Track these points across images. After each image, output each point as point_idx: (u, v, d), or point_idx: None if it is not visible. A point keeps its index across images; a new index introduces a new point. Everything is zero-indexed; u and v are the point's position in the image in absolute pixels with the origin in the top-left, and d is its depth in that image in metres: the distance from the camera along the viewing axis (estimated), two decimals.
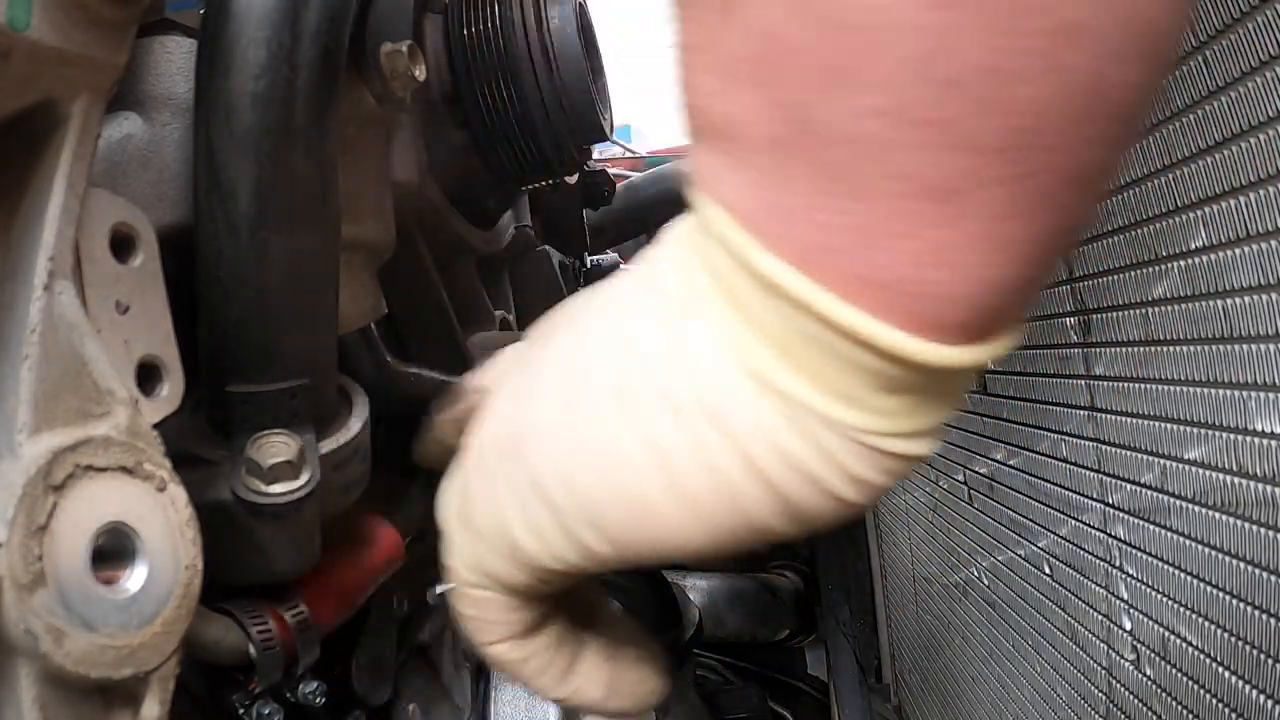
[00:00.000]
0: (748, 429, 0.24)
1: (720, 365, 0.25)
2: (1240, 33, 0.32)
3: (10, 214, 0.29)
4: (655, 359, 0.26)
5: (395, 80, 0.44)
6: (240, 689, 0.42)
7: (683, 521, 0.26)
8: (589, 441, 0.27)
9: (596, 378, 0.27)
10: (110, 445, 0.28)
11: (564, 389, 0.28)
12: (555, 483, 0.28)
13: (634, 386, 0.26)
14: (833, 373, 0.23)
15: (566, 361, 0.29)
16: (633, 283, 0.28)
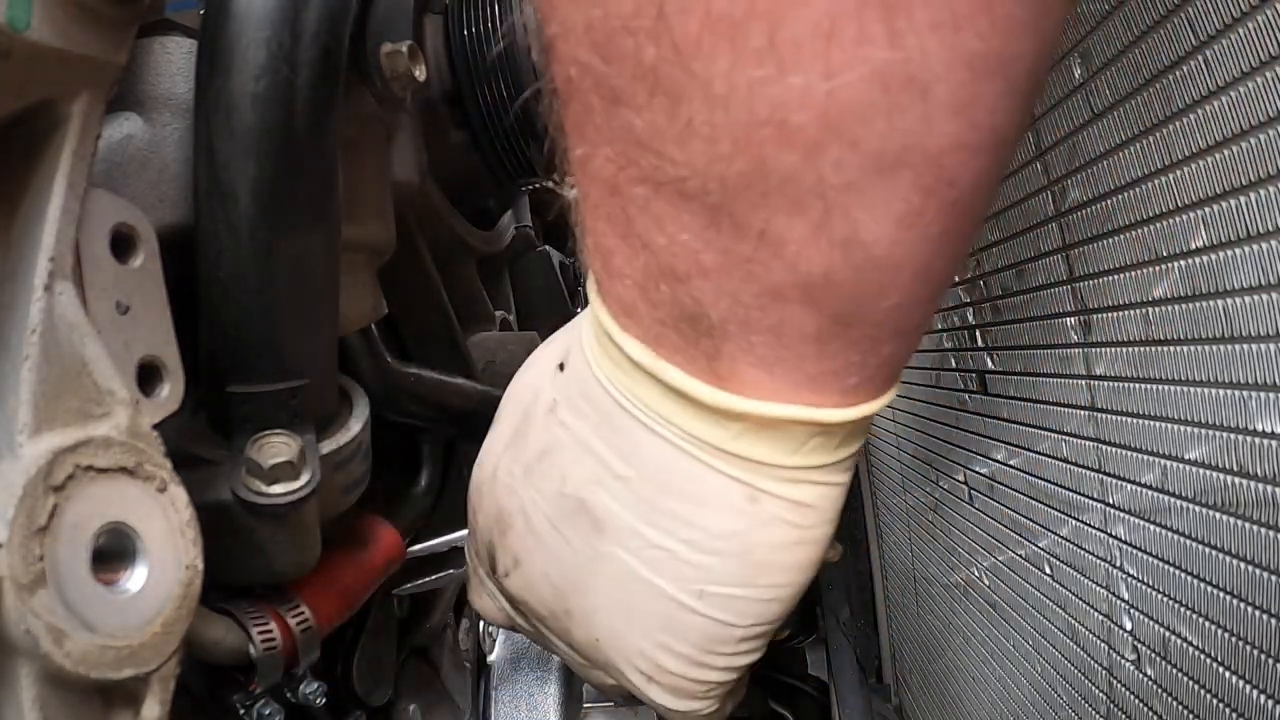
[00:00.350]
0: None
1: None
2: (1240, 33, 0.32)
3: (10, 214, 0.29)
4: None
5: (395, 80, 0.44)
6: (241, 689, 0.42)
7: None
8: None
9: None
10: (111, 446, 0.28)
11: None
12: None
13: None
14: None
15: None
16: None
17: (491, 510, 0.38)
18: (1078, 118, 0.45)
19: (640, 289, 0.28)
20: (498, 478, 0.37)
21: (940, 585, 0.83)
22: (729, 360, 0.28)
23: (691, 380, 0.29)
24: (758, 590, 0.32)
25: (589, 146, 0.26)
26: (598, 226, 0.28)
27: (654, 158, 0.24)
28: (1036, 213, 0.51)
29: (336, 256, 0.40)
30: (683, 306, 0.27)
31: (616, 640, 0.35)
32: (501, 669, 0.73)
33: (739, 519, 0.31)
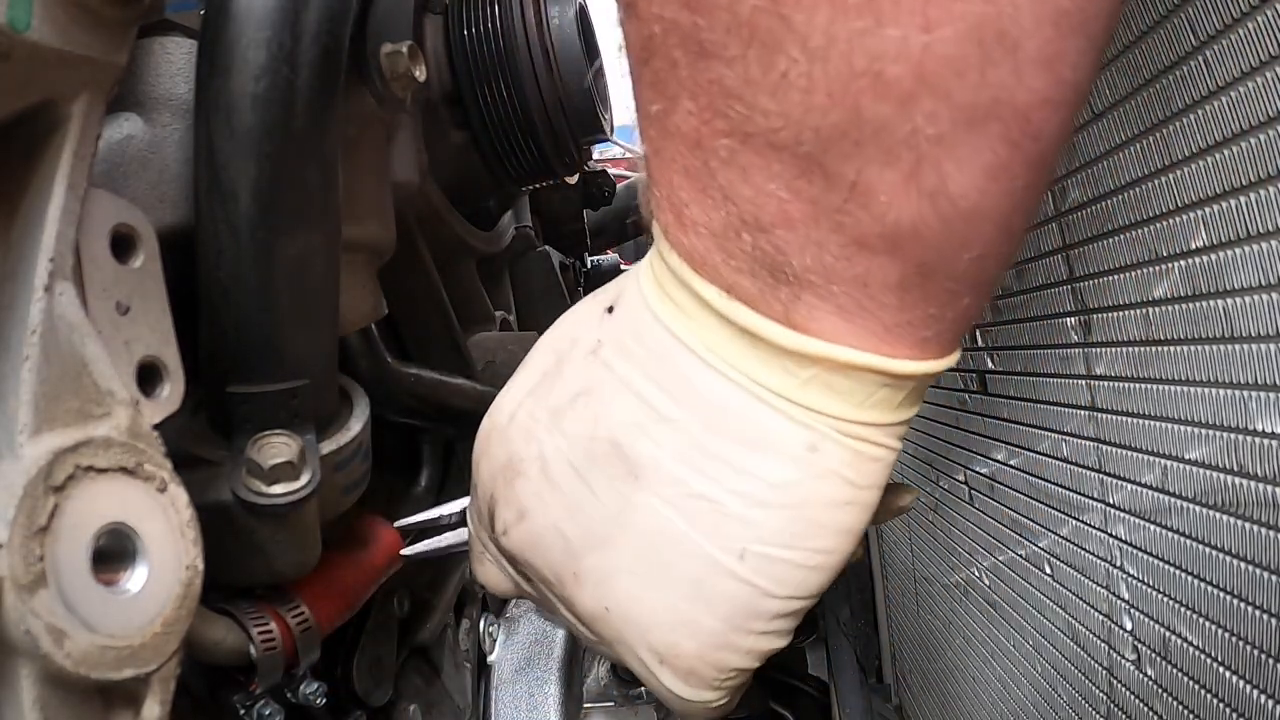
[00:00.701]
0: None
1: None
2: (1240, 33, 0.32)
3: (11, 215, 0.29)
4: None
5: (395, 81, 0.44)
6: (241, 690, 0.42)
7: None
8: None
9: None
10: (111, 446, 0.28)
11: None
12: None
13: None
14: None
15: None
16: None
17: (500, 457, 0.35)
18: (1078, 118, 0.45)
19: (717, 240, 0.28)
20: (515, 421, 0.35)
21: (940, 585, 0.83)
22: (807, 308, 0.28)
23: (766, 321, 0.28)
24: (803, 554, 0.30)
25: (668, 102, 0.26)
26: (672, 180, 0.28)
27: (744, 109, 0.24)
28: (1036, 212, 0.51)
29: (336, 256, 0.40)
30: (764, 256, 0.27)
31: (632, 609, 0.32)
32: (501, 669, 0.73)
33: (796, 468, 0.30)
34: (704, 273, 0.29)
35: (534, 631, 0.74)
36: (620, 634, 0.33)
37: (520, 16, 0.55)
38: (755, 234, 0.27)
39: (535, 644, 0.74)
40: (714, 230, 0.28)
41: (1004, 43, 0.22)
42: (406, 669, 0.64)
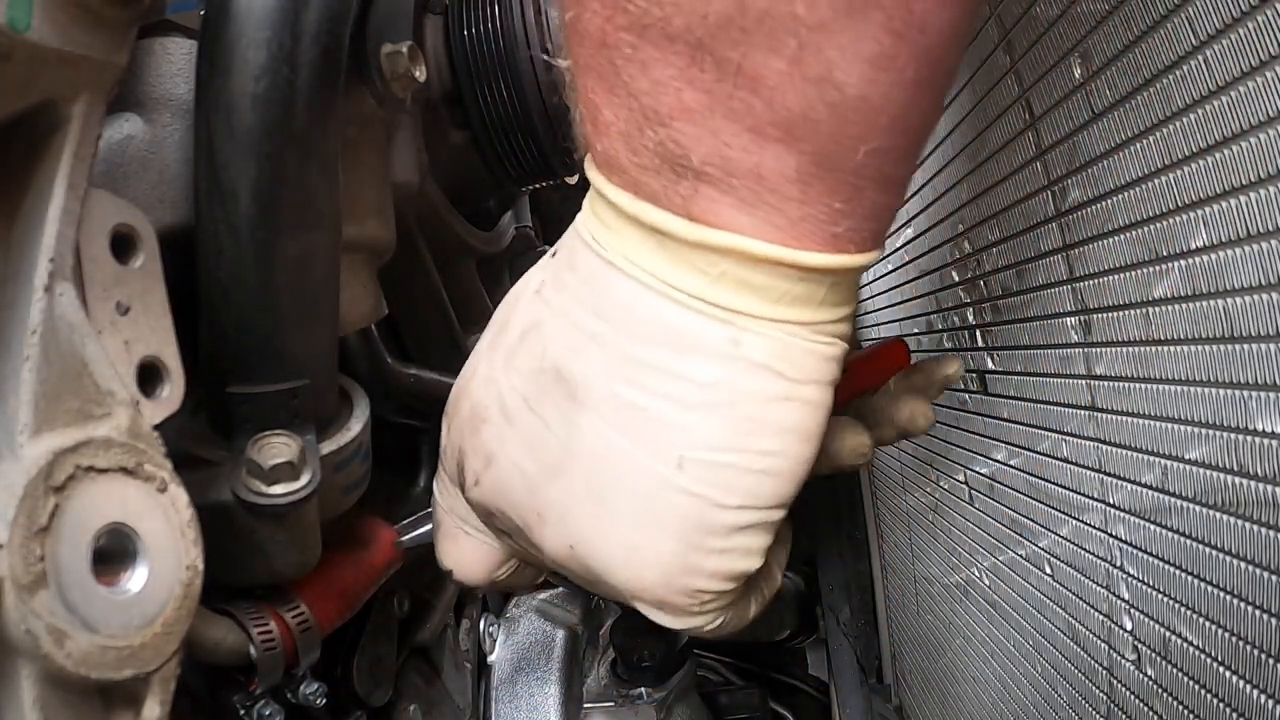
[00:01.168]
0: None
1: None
2: (1240, 33, 0.32)
3: (11, 215, 0.29)
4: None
5: (395, 81, 0.44)
6: (241, 690, 0.42)
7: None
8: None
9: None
10: (111, 446, 0.28)
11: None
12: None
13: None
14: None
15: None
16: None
17: (465, 410, 0.35)
18: (1078, 118, 0.45)
19: (624, 138, 0.28)
20: (477, 373, 0.35)
21: (941, 585, 0.83)
22: (707, 200, 0.28)
23: (668, 215, 0.29)
24: (745, 456, 0.29)
25: (579, 6, 0.28)
26: (586, 83, 0.29)
27: (640, 6, 0.26)
28: (1036, 213, 0.51)
29: (336, 257, 0.40)
30: (665, 150, 0.28)
31: (592, 542, 0.31)
32: (501, 669, 0.73)
33: (722, 365, 0.29)
34: (615, 177, 0.30)
35: (534, 631, 0.75)
36: (590, 572, 0.32)
37: (520, 16, 0.55)
38: (656, 128, 0.27)
39: (535, 644, 0.74)
40: (621, 130, 0.28)
41: None
42: (406, 669, 0.64)
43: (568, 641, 0.74)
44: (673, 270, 0.29)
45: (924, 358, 0.78)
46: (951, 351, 0.69)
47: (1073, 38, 0.44)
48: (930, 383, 0.36)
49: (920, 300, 0.76)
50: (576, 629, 0.75)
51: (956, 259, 0.65)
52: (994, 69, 0.53)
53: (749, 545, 0.31)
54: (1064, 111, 0.46)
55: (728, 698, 0.96)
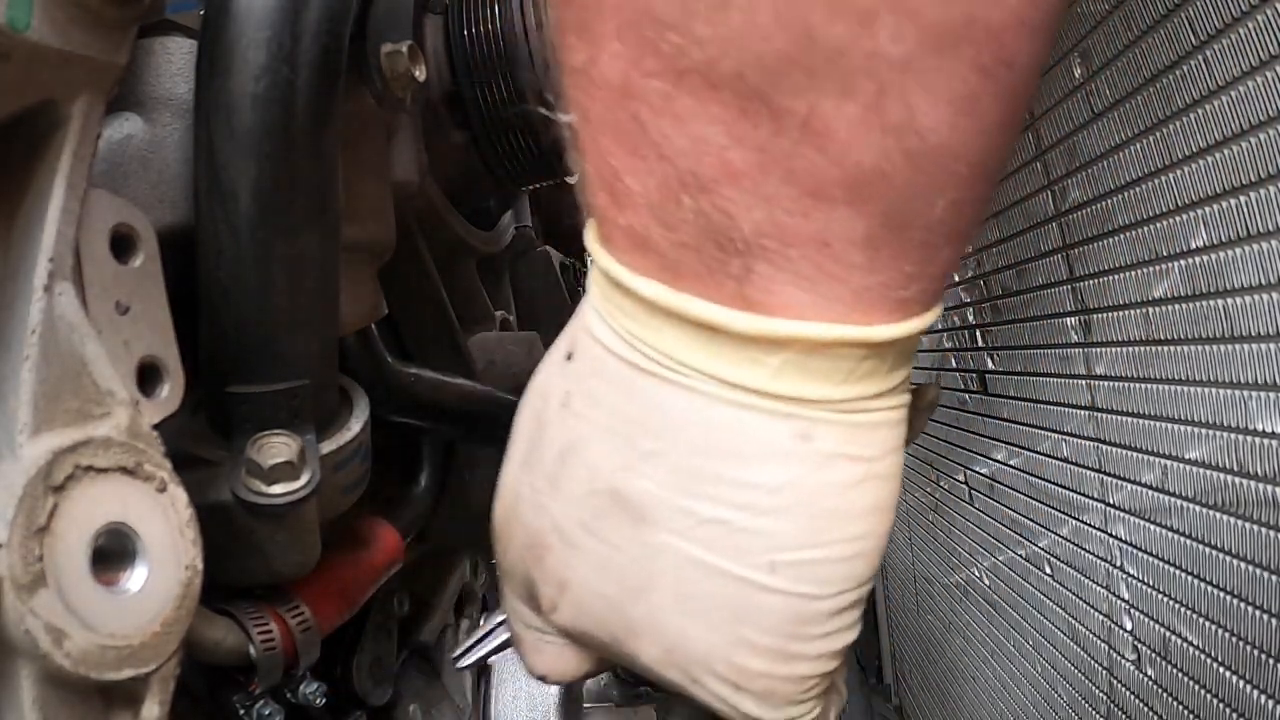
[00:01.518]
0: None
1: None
2: (1240, 33, 0.32)
3: (10, 215, 0.29)
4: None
5: (395, 81, 0.44)
6: (241, 690, 0.42)
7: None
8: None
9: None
10: (110, 446, 0.28)
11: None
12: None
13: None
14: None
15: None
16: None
17: (521, 540, 0.33)
18: (1078, 118, 0.45)
19: (654, 211, 0.25)
20: (520, 499, 0.33)
21: (940, 585, 0.83)
22: (763, 281, 0.24)
23: (719, 308, 0.25)
24: (834, 548, 0.28)
25: (592, 48, 0.23)
26: (601, 145, 0.25)
27: (677, 38, 0.21)
28: (1036, 213, 0.51)
29: (336, 257, 0.40)
30: (708, 221, 0.24)
31: (689, 646, 0.30)
32: (502, 669, 0.73)
33: (793, 464, 0.27)
34: (645, 257, 0.26)
35: None
36: (690, 673, 0.31)
37: (520, 16, 0.55)
38: (696, 195, 0.23)
39: None
40: (650, 200, 0.24)
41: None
42: (406, 669, 0.64)
43: None
44: (728, 367, 0.26)
45: (922, 358, 0.78)
46: (951, 351, 0.69)
47: (1073, 38, 0.44)
48: (918, 419, 0.34)
49: None
50: None
51: None
52: None
53: (849, 622, 0.30)
54: (1064, 111, 0.46)
55: None
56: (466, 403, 0.59)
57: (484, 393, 0.59)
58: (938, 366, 0.74)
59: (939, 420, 0.76)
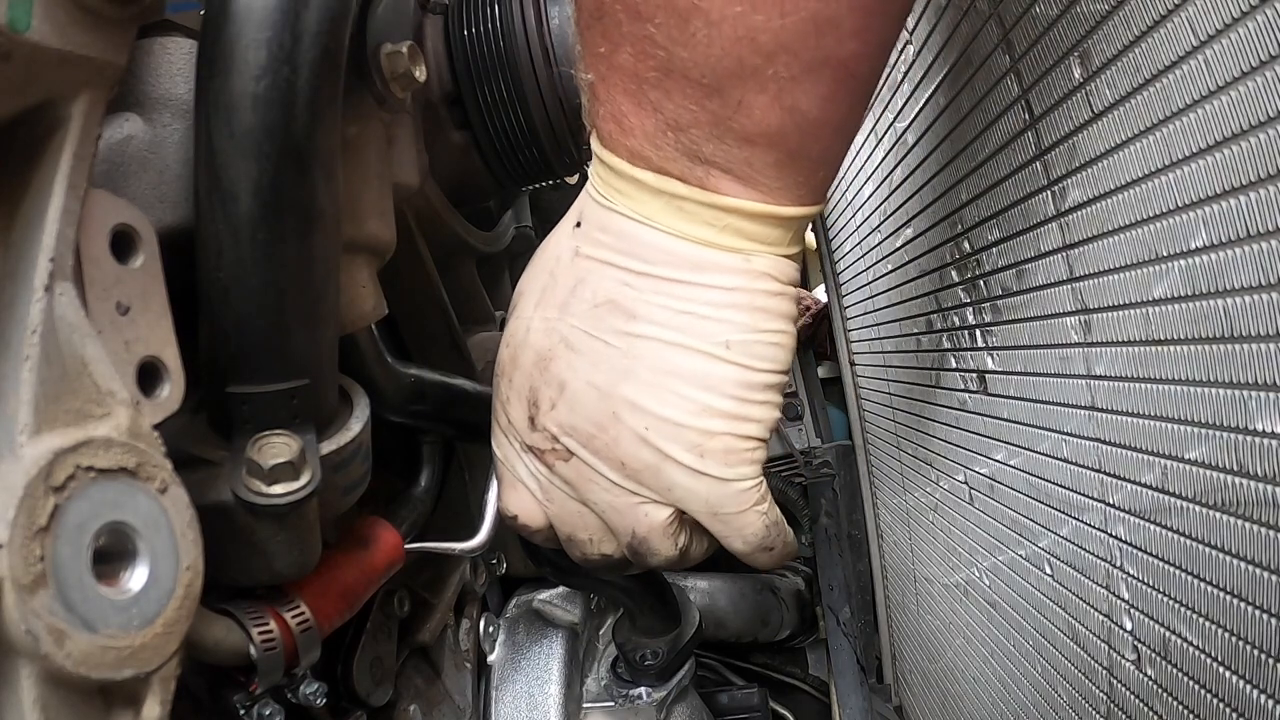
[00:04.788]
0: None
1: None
2: (1240, 33, 0.32)
3: (11, 215, 0.29)
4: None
5: (395, 81, 0.44)
6: (241, 690, 0.42)
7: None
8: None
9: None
10: (111, 446, 0.28)
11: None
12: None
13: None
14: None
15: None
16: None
17: (530, 358, 0.45)
18: (1078, 118, 0.45)
19: (649, 138, 0.40)
20: (533, 328, 0.45)
21: (941, 585, 0.83)
22: (715, 180, 0.40)
23: (689, 188, 0.40)
24: (765, 335, 0.42)
25: (613, 46, 0.38)
26: (615, 98, 0.40)
27: (667, 55, 0.36)
28: (1036, 213, 0.51)
29: (337, 257, 0.40)
30: (684, 147, 0.39)
31: (664, 413, 0.42)
32: (502, 669, 0.73)
33: (740, 277, 0.41)
34: (640, 164, 0.41)
35: (534, 631, 0.74)
36: (663, 449, 0.42)
37: (520, 16, 0.55)
38: (677, 133, 0.39)
39: (535, 644, 0.74)
40: (647, 131, 0.39)
41: (831, 24, 0.35)
42: (406, 669, 0.64)
43: (568, 641, 0.74)
44: (691, 226, 0.41)
45: (923, 359, 0.78)
46: (951, 351, 0.69)
47: (1072, 38, 0.44)
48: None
49: (920, 300, 0.76)
50: (576, 629, 0.75)
51: (956, 259, 0.65)
52: (994, 69, 0.53)
53: (774, 399, 0.43)
54: (1064, 111, 0.46)
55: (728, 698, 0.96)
56: (466, 403, 0.59)
57: (484, 393, 0.59)
58: (937, 366, 0.74)
59: (939, 420, 0.76)
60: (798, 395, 1.40)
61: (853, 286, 1.08)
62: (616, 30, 0.37)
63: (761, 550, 0.45)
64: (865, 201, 0.92)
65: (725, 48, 0.35)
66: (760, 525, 0.44)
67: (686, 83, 0.37)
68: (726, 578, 1.22)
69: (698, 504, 0.43)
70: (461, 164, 0.59)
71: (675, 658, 0.73)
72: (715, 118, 0.37)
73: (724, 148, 0.38)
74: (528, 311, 0.46)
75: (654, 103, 0.38)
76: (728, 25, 0.35)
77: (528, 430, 0.46)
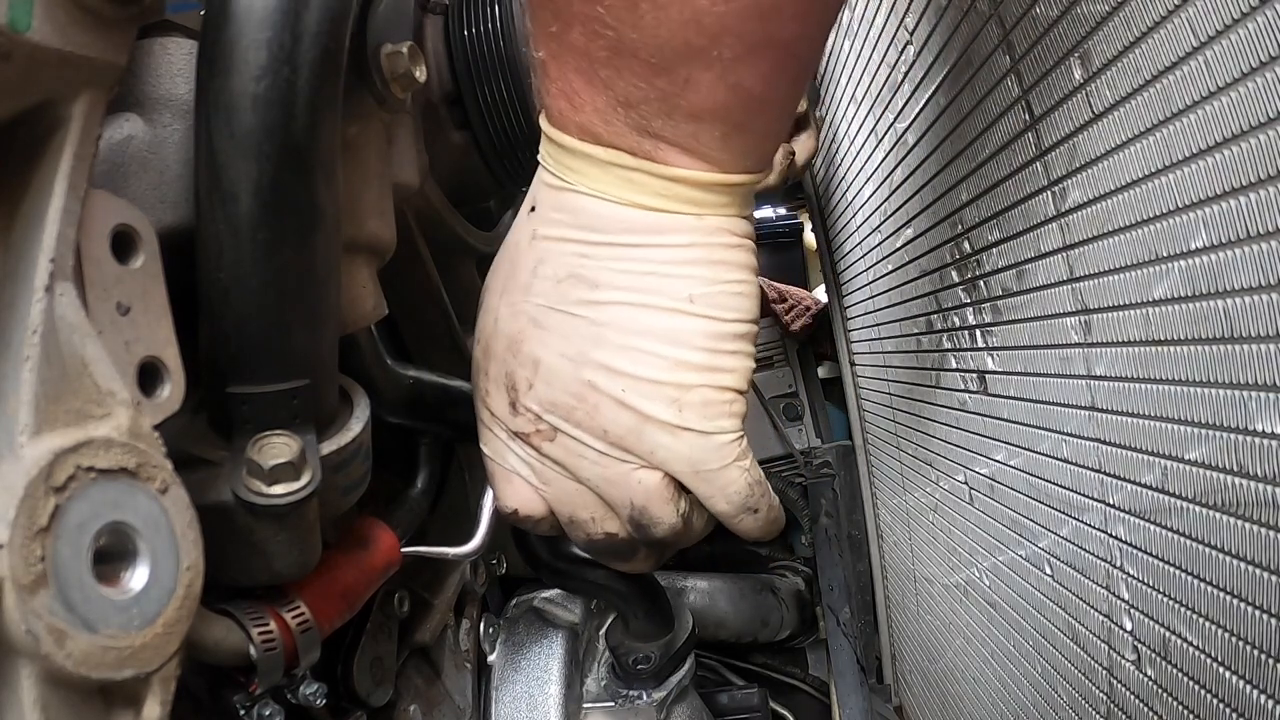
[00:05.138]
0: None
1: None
2: (1240, 33, 0.32)
3: (11, 215, 0.29)
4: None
5: (395, 81, 0.44)
6: (241, 690, 0.42)
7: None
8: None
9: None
10: (111, 446, 0.28)
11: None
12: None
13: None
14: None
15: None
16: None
17: (502, 344, 0.46)
18: (1078, 118, 0.45)
19: (600, 114, 0.41)
20: (499, 317, 0.46)
21: (941, 585, 0.83)
22: (664, 153, 0.41)
23: (639, 161, 0.41)
24: (729, 284, 0.43)
25: (564, 26, 0.39)
26: (566, 75, 0.40)
27: (616, 35, 0.37)
28: (1037, 213, 0.51)
29: (337, 257, 0.40)
30: (634, 122, 0.40)
31: (639, 372, 0.42)
32: (502, 669, 0.73)
33: (695, 233, 0.42)
34: (589, 139, 0.41)
35: (534, 631, 0.74)
36: (642, 409, 0.43)
37: (520, 17, 0.55)
38: (626, 110, 0.40)
39: (535, 644, 0.74)
40: (598, 108, 0.40)
41: (773, 8, 0.36)
42: (406, 669, 0.64)
43: (568, 641, 0.74)
44: (643, 196, 0.42)
45: (923, 359, 0.78)
46: (951, 351, 0.69)
47: (1073, 38, 0.44)
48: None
49: (920, 300, 0.76)
50: (577, 629, 0.75)
51: (957, 259, 0.65)
52: (994, 69, 0.53)
53: (746, 348, 0.44)
54: (1064, 112, 0.46)
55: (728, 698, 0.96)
56: (465, 404, 0.59)
57: None
58: (937, 366, 0.74)
59: (939, 420, 0.76)
60: (798, 395, 1.40)
61: (853, 286, 1.08)
62: (568, 10, 0.38)
63: (746, 511, 0.44)
64: (865, 201, 0.92)
65: (672, 30, 0.36)
66: (743, 482, 0.44)
67: (636, 62, 0.38)
68: (726, 578, 1.22)
69: (681, 464, 0.43)
70: (461, 164, 0.59)
71: (668, 663, 0.73)
72: (663, 95, 0.39)
73: (672, 123, 0.40)
74: (493, 301, 0.47)
75: (604, 80, 0.39)
76: (674, 8, 0.36)
77: (510, 416, 0.46)
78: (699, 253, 0.42)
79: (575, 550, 0.61)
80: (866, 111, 0.84)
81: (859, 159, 0.91)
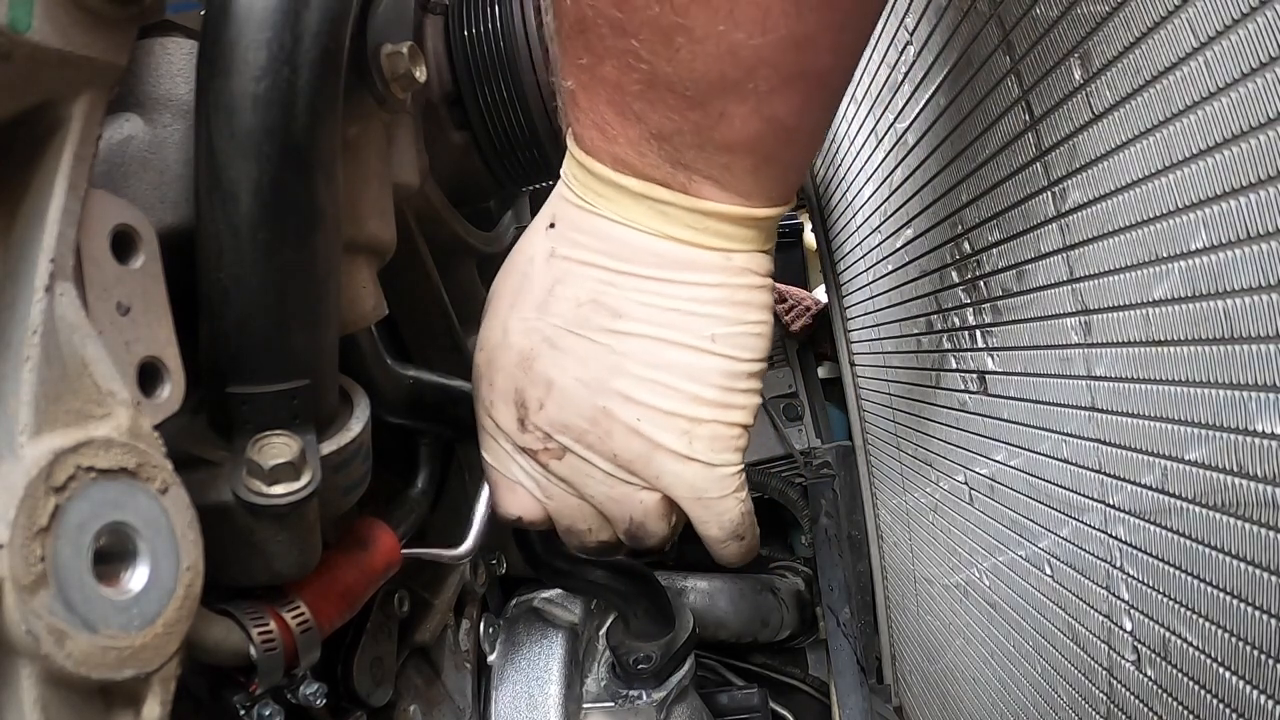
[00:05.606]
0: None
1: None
2: (1240, 33, 0.32)
3: (11, 215, 0.29)
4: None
5: (396, 81, 0.44)
6: (241, 690, 0.42)
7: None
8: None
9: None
10: (111, 446, 0.28)
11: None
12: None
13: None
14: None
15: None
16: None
17: (512, 359, 0.46)
18: (1078, 119, 0.45)
19: (633, 145, 0.41)
20: (510, 330, 0.46)
21: (940, 586, 0.83)
22: (697, 185, 0.41)
23: (671, 193, 0.42)
24: (749, 325, 0.44)
25: (596, 59, 0.39)
26: (597, 107, 0.41)
27: (650, 69, 0.37)
28: (1037, 214, 0.51)
29: (337, 257, 0.40)
30: (667, 154, 0.40)
31: (656, 405, 0.43)
32: (501, 669, 0.73)
33: (722, 273, 0.43)
34: (623, 170, 0.42)
35: (534, 631, 0.74)
36: (654, 438, 0.44)
37: (520, 16, 0.55)
38: (660, 142, 0.40)
39: (535, 644, 0.74)
40: (630, 139, 0.41)
41: (808, 40, 0.36)
42: (406, 669, 0.64)
43: (568, 641, 0.74)
44: (673, 228, 0.42)
45: (923, 359, 0.78)
46: (951, 351, 0.69)
47: (1073, 39, 0.44)
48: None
49: (920, 300, 0.76)
50: (576, 629, 0.75)
51: (956, 259, 0.65)
52: (994, 69, 0.53)
53: (756, 385, 0.45)
54: (1064, 112, 0.46)
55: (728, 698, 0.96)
56: (465, 404, 0.59)
57: None
58: (937, 366, 0.74)
59: (939, 421, 0.76)
60: (798, 395, 1.40)
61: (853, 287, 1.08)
62: (600, 44, 0.38)
63: (734, 538, 0.46)
64: (865, 202, 0.92)
65: (708, 63, 0.36)
66: (737, 512, 0.45)
67: (670, 95, 0.38)
68: (726, 578, 1.22)
69: (683, 489, 0.45)
70: (461, 164, 0.59)
71: (669, 662, 0.73)
72: (697, 128, 0.39)
73: (704, 155, 0.40)
74: (502, 312, 0.47)
75: (638, 113, 0.39)
76: (710, 42, 0.36)
77: (518, 432, 0.47)
78: (724, 293, 0.43)
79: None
80: (866, 112, 0.84)
81: (859, 159, 0.91)
